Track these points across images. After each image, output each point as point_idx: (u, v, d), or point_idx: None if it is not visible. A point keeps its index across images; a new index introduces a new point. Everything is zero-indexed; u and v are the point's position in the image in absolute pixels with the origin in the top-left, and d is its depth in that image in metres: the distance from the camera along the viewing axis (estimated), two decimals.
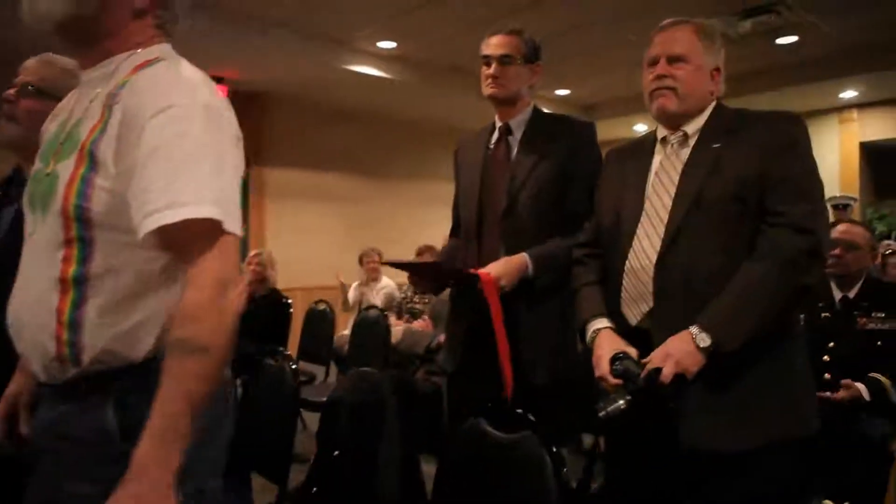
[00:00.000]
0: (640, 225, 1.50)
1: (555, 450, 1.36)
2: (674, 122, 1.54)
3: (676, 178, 1.48)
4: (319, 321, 4.30)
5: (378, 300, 4.89)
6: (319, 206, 7.03)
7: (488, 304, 1.72)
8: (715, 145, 1.46)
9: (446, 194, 2.12)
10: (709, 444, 1.36)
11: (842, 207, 6.20)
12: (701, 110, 1.52)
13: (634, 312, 1.49)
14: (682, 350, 1.32)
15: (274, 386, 2.12)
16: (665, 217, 1.45)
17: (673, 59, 1.50)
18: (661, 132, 1.57)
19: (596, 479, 2.40)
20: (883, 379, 2.40)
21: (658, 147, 1.57)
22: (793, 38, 5.67)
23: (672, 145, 1.54)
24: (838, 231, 2.69)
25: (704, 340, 1.31)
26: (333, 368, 4.34)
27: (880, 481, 2.27)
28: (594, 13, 5.01)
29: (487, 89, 1.94)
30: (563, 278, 1.84)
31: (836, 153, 7.40)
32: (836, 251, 2.63)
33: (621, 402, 1.29)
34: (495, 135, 2.00)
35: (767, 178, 1.37)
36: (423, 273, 2.05)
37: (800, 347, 1.46)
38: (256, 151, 6.55)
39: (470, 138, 2.11)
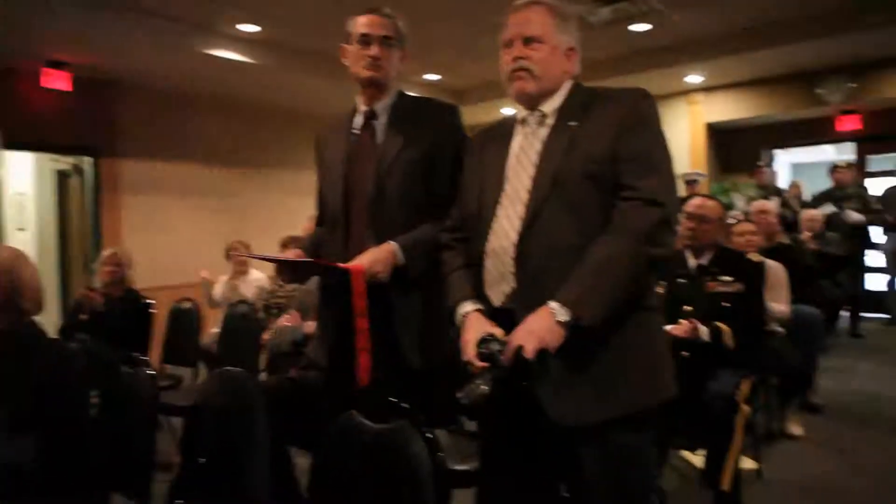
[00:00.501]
0: (499, 206, 1.50)
1: (430, 435, 1.35)
2: (532, 102, 1.54)
3: (535, 159, 1.49)
4: (185, 320, 4.04)
5: (251, 294, 4.72)
6: (180, 199, 6.61)
7: (354, 293, 1.70)
8: (571, 123, 1.47)
9: (314, 183, 2.04)
10: (574, 418, 1.40)
11: (692, 182, 6.72)
12: (558, 90, 1.54)
13: (497, 294, 1.50)
14: (542, 326, 1.34)
15: (131, 395, 1.96)
16: (525, 198, 1.46)
17: (528, 40, 1.51)
18: (521, 113, 1.58)
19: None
20: (723, 326, 2.69)
21: (518, 128, 1.58)
22: (646, 27, 6.02)
23: (530, 125, 1.55)
24: (693, 205, 2.92)
25: (563, 315, 1.33)
26: (204, 370, 4.12)
27: (729, 429, 2.49)
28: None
29: (366, 71, 1.86)
30: (437, 263, 1.84)
31: (685, 133, 7.97)
32: (691, 224, 2.85)
33: (484, 386, 1.29)
34: (359, 119, 1.94)
35: (619, 153, 1.40)
36: (292, 268, 1.96)
37: (657, 318, 1.53)
38: (108, 142, 6.05)
39: (331, 124, 2.03)
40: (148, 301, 3.79)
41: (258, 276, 4.97)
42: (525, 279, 1.43)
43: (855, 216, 6.35)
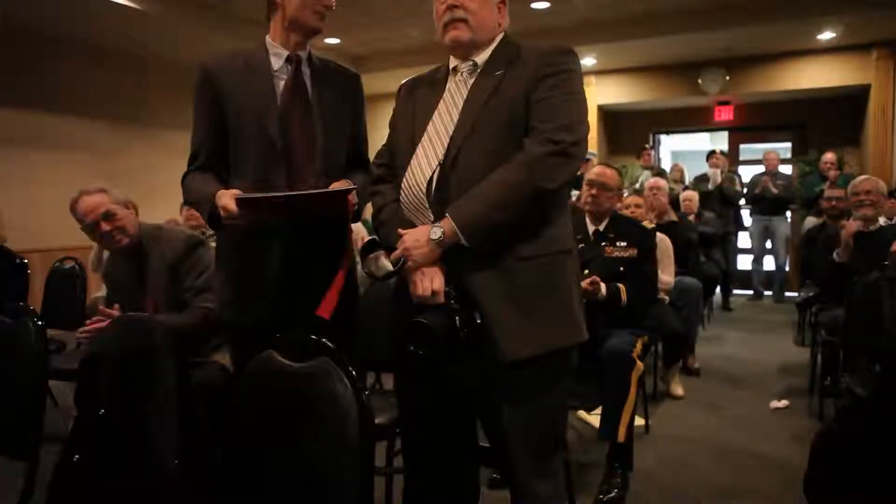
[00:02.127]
0: (420, 146, 1.54)
1: (353, 372, 1.33)
2: (465, 52, 1.58)
3: (461, 104, 1.54)
4: (67, 282, 3.72)
5: None
6: (56, 154, 6.01)
7: (345, 218, 1.77)
8: (498, 73, 1.53)
9: None
10: (505, 353, 1.42)
11: (585, 161, 7.01)
12: (490, 41, 1.58)
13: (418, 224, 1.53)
14: (413, 240, 1.44)
15: (13, 348, 1.79)
16: (446, 140, 1.50)
17: None
18: (453, 62, 1.62)
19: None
20: (620, 286, 2.86)
21: (450, 77, 1.61)
22: (545, 5, 6.17)
23: (462, 74, 1.59)
24: (594, 172, 3.07)
25: (436, 233, 1.41)
26: None
27: (625, 383, 2.64)
28: None
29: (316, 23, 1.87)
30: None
31: None
32: (593, 191, 2.99)
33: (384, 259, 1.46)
34: (277, 62, 1.83)
35: (531, 98, 1.47)
36: (288, 207, 1.74)
37: (574, 264, 1.58)
38: None
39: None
40: (24, 260, 3.46)
41: None
42: (440, 213, 1.46)
43: (736, 188, 7.14)
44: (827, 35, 6.71)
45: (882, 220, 3.76)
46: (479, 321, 1.41)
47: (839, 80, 7.22)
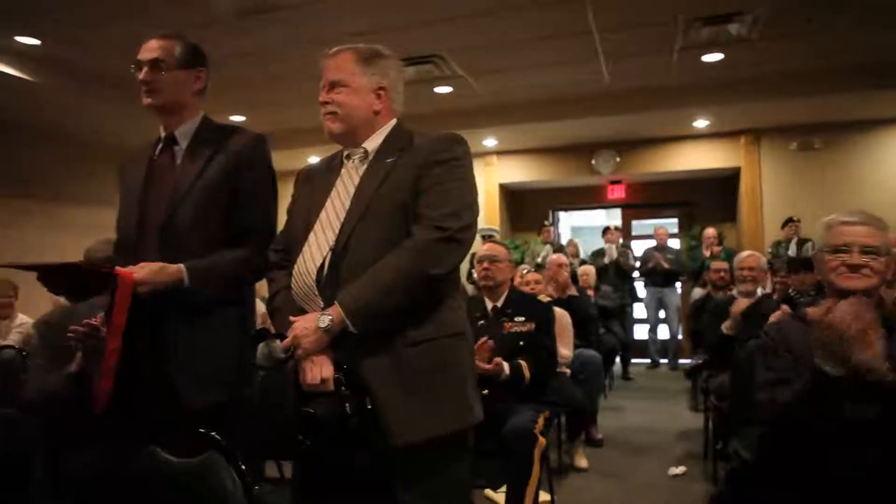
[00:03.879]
0: (312, 233, 1.55)
1: (244, 467, 1.27)
2: (346, 140, 1.63)
3: (353, 191, 1.57)
4: None
5: (13, 339, 4.14)
6: None
7: (114, 302, 1.57)
8: (389, 160, 1.57)
9: (113, 222, 1.88)
10: (396, 438, 1.41)
11: (488, 237, 7.21)
12: (371, 128, 1.63)
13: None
14: (302, 328, 1.43)
15: None
16: (337, 226, 1.52)
17: (333, 84, 1.60)
18: (347, 149, 1.66)
19: None
20: (522, 362, 2.90)
21: (345, 163, 1.65)
22: (448, 90, 6.47)
23: (354, 161, 1.63)
24: (484, 249, 3.20)
25: (324, 321, 1.41)
26: None
27: (528, 460, 2.65)
28: (268, 41, 5.02)
29: (143, 98, 1.82)
30: (235, 293, 1.82)
31: (482, 192, 8.58)
32: (485, 264, 3.08)
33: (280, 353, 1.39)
34: (160, 145, 1.88)
35: (419, 186, 1.51)
36: (57, 274, 1.69)
37: (467, 346, 1.61)
38: None
39: (138, 153, 1.94)
40: None
41: (24, 320, 4.39)
42: (330, 300, 1.46)
43: (630, 262, 7.54)
44: (701, 123, 7.38)
45: (759, 290, 4.08)
46: (370, 407, 1.40)
47: (714, 162, 7.91)
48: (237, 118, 7.01)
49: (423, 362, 1.46)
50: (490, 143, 8.09)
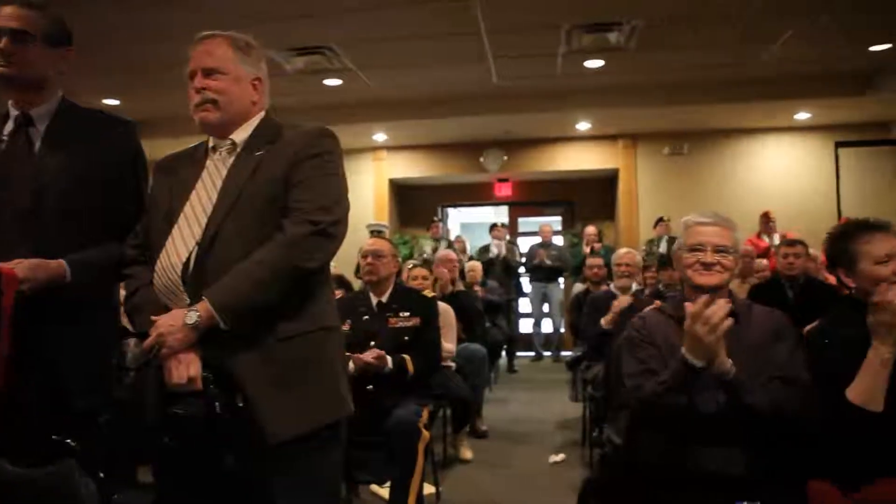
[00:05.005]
0: (176, 227, 1.49)
1: (102, 475, 1.20)
2: (220, 131, 1.56)
3: (220, 184, 1.51)
4: None
5: None
6: None
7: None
8: (258, 153, 1.52)
9: None
10: (270, 437, 1.38)
11: (376, 233, 7.19)
12: (246, 119, 1.58)
13: (175, 307, 1.46)
14: (167, 325, 1.36)
15: None
16: (204, 220, 1.47)
17: (209, 72, 1.52)
18: (213, 141, 1.59)
19: None
20: (406, 357, 2.91)
21: (210, 155, 1.58)
22: (338, 82, 6.38)
23: (221, 153, 1.57)
24: (368, 244, 3.20)
25: (192, 317, 1.36)
26: None
27: (413, 454, 2.67)
28: (146, 20, 4.75)
29: None
30: (108, 294, 1.72)
31: (371, 187, 8.54)
32: (369, 260, 3.06)
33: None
34: (9, 125, 1.70)
35: (290, 179, 1.48)
36: None
37: (338, 338, 1.60)
38: None
39: None
40: None
41: None
42: (196, 296, 1.41)
43: (517, 258, 7.79)
44: (583, 125, 7.74)
45: (634, 286, 4.34)
46: (241, 405, 1.35)
47: (595, 163, 8.33)
48: (111, 101, 6.57)
49: (296, 356, 1.44)
50: (380, 137, 8.06)
